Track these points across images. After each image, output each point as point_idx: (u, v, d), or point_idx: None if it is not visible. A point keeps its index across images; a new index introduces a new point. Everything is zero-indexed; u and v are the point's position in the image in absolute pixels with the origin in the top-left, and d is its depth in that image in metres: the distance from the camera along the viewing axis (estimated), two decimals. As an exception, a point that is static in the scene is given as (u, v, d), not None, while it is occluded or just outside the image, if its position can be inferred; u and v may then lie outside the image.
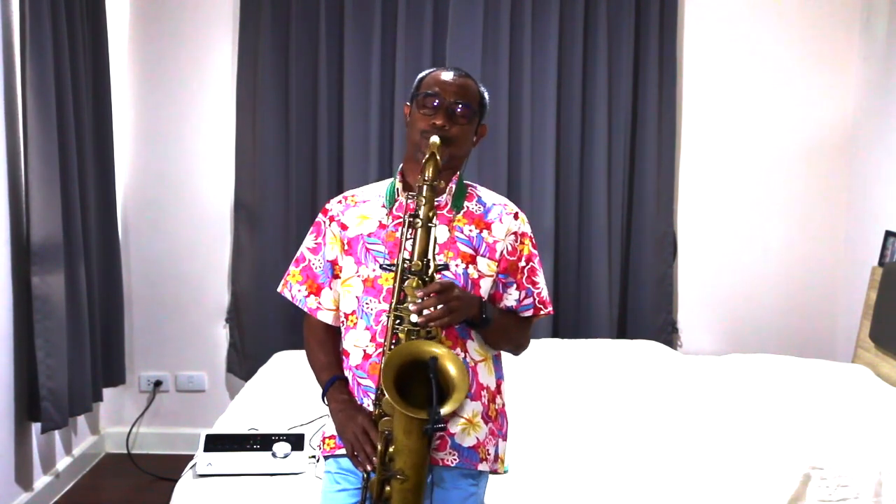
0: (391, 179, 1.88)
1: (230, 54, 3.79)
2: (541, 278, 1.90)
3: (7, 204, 2.99)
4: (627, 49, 3.74)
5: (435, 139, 1.70)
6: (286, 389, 2.99)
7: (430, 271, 1.67)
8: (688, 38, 3.83)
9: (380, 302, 1.75)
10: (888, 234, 3.45)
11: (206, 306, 3.90)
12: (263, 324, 3.81)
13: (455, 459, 1.76)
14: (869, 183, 3.70)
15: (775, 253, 3.93)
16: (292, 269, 1.91)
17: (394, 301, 1.68)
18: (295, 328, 3.73)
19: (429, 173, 1.67)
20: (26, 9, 2.92)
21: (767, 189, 3.90)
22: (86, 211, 3.35)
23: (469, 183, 1.89)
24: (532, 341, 3.49)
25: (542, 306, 1.90)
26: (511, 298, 1.86)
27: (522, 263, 1.86)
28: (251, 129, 3.76)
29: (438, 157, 1.69)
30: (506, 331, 1.84)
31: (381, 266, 1.76)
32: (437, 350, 1.63)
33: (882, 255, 3.47)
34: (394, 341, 1.67)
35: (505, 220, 1.84)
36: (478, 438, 1.79)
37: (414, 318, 1.64)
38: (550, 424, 2.70)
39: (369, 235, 1.80)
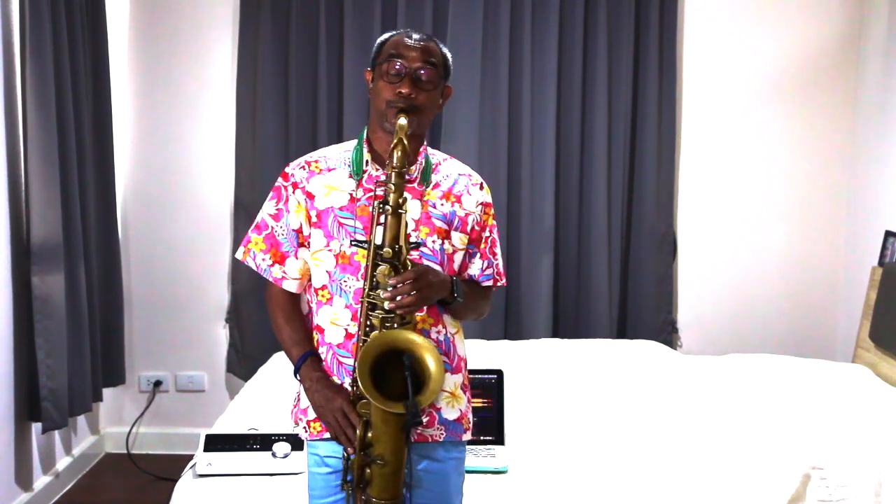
0: (355, 143, 1.84)
1: (230, 54, 3.79)
2: (499, 249, 1.95)
3: (7, 204, 2.99)
4: (627, 49, 3.74)
5: (403, 122, 1.66)
6: (286, 389, 2.97)
7: (403, 257, 1.66)
8: (688, 38, 3.83)
9: (357, 279, 1.74)
10: (888, 234, 3.45)
11: (206, 306, 3.91)
12: (263, 324, 3.80)
13: (443, 434, 1.80)
14: (869, 183, 3.70)
15: (775, 253, 3.93)
16: (253, 236, 1.85)
17: (366, 288, 1.68)
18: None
19: (397, 160, 1.65)
20: (26, 9, 2.92)
21: (767, 189, 3.90)
22: (86, 211, 3.35)
23: (432, 151, 1.86)
24: (532, 341, 3.57)
25: (499, 277, 1.94)
26: (475, 268, 1.90)
27: (487, 234, 1.89)
28: (251, 129, 3.77)
29: (406, 143, 1.66)
30: (471, 303, 1.86)
31: (351, 242, 1.73)
32: (417, 339, 1.64)
33: (882, 255, 3.47)
34: (367, 327, 1.67)
35: (473, 192, 1.85)
36: (460, 410, 1.83)
37: (387, 305, 1.65)
38: (550, 424, 2.70)
39: (341, 209, 1.76)
